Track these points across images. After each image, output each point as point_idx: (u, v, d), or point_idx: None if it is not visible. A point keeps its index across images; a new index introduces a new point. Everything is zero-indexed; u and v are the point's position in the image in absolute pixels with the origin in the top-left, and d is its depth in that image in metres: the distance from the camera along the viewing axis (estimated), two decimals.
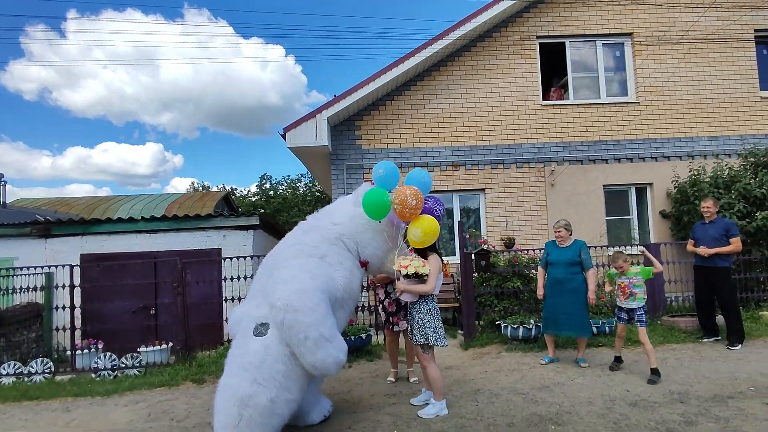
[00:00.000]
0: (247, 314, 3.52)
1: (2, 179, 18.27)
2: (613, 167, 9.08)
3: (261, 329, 3.31)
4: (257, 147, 67.98)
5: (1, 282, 6.67)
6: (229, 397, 3.10)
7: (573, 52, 9.42)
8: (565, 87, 9.68)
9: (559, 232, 5.32)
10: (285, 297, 3.23)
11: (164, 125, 73.21)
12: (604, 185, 9.02)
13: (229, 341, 6.56)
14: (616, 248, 7.84)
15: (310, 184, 28.67)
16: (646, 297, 4.82)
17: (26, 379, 5.78)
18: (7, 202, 19.15)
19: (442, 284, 8.35)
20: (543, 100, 9.29)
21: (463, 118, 9.09)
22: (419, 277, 3.86)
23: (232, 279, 6.66)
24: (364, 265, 3.95)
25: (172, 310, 6.48)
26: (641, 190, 9.24)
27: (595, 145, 9.10)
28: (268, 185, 29.53)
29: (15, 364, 5.95)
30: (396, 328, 4.76)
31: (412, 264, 3.80)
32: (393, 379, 4.96)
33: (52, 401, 4.85)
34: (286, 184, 29.60)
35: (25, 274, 6.77)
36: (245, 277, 6.71)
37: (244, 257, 7.06)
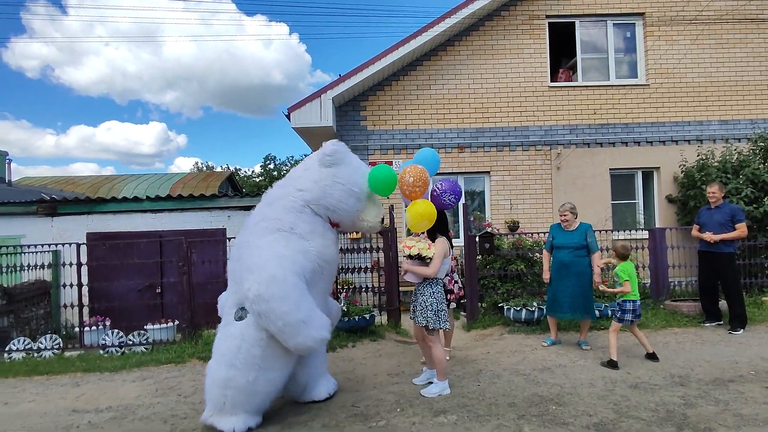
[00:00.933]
0: (227, 299, 3.58)
1: (7, 157, 18.33)
2: (620, 151, 8.98)
3: (241, 313, 3.37)
4: (261, 127, 67.71)
5: (9, 259, 6.75)
6: (212, 381, 3.34)
7: (583, 33, 9.24)
8: (573, 68, 9.52)
9: (564, 215, 5.30)
10: (255, 288, 3.18)
11: (168, 104, 72.84)
12: (610, 169, 8.95)
13: None
14: (621, 232, 7.82)
15: None
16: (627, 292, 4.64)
17: (36, 354, 5.88)
18: (12, 180, 19.22)
19: None
20: (551, 81, 9.15)
21: (469, 99, 8.99)
22: (422, 260, 3.88)
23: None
24: (335, 225, 3.81)
25: (178, 289, 6.54)
26: (648, 174, 9.16)
27: (603, 128, 8.99)
28: (272, 166, 29.50)
29: (25, 340, 6.05)
30: None
31: (416, 246, 3.83)
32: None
33: (61, 376, 4.95)
34: (290, 165, 29.56)
35: (33, 252, 6.84)
36: None
37: None
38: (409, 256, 3.87)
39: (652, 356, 4.71)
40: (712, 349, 5.03)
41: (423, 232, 4.06)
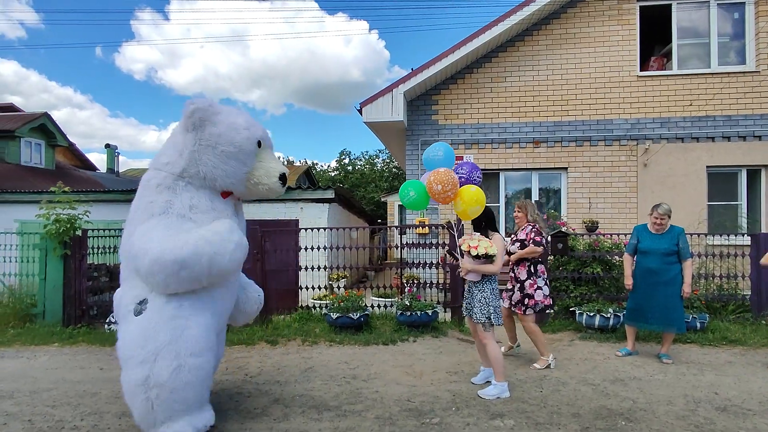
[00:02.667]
0: (122, 299, 3.11)
1: (116, 151, 20.53)
2: (720, 146, 8.06)
3: (140, 307, 2.95)
4: (339, 123, 69.71)
5: (112, 241, 7.55)
6: (129, 389, 2.83)
7: (680, 16, 8.38)
8: (667, 56, 8.68)
9: (662, 219, 4.76)
10: (147, 266, 2.81)
11: (254, 102, 77.59)
12: (707, 166, 8.06)
13: (301, 307, 6.91)
14: (717, 237, 7.03)
15: (388, 160, 28.89)
16: None
17: None
18: (120, 171, 21.46)
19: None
20: (640, 70, 8.42)
21: (547, 91, 8.54)
22: (487, 258, 3.80)
23: (306, 249, 6.94)
24: (227, 195, 3.31)
25: (252, 276, 6.86)
26: (754, 173, 8.13)
27: (700, 120, 8.11)
28: (347, 160, 30.20)
29: None
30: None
31: (481, 244, 3.79)
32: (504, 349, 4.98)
33: None
34: (364, 160, 30.07)
35: None
36: (319, 248, 6.96)
37: (319, 229, 7.31)
38: (476, 256, 3.80)
39: None
40: None
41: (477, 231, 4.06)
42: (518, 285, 4.62)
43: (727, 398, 3.77)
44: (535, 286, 4.58)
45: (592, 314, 5.70)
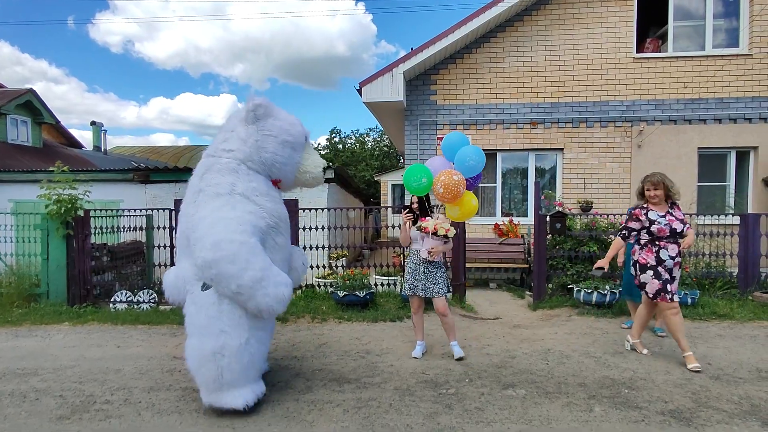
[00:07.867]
0: (184, 278, 3.24)
1: (102, 128, 20.08)
2: (712, 128, 8.29)
3: (209, 284, 3.13)
4: (325, 100, 68.83)
5: (111, 221, 7.53)
6: (199, 358, 3.07)
7: None
8: (663, 37, 8.81)
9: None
10: (201, 256, 3.03)
11: (237, 77, 76.11)
12: (699, 148, 8.30)
13: (302, 287, 7.03)
14: (707, 217, 7.29)
15: (379, 139, 28.79)
16: None
17: (135, 306, 6.61)
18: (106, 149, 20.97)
19: (511, 245, 8.26)
20: (636, 52, 8.54)
21: (545, 72, 8.62)
22: (447, 238, 4.14)
23: (305, 229, 6.99)
24: (276, 183, 3.62)
25: None
26: (743, 155, 8.41)
27: (693, 103, 8.31)
28: (337, 139, 29.99)
29: (126, 293, 6.80)
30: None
31: (450, 227, 4.07)
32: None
33: (160, 327, 5.55)
34: (354, 138, 29.91)
35: (130, 215, 7.57)
36: (321, 228, 7.06)
37: (320, 209, 7.38)
38: (444, 236, 4.07)
39: None
40: None
41: (431, 213, 4.33)
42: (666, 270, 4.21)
43: (719, 368, 4.03)
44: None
45: (589, 291, 5.94)
